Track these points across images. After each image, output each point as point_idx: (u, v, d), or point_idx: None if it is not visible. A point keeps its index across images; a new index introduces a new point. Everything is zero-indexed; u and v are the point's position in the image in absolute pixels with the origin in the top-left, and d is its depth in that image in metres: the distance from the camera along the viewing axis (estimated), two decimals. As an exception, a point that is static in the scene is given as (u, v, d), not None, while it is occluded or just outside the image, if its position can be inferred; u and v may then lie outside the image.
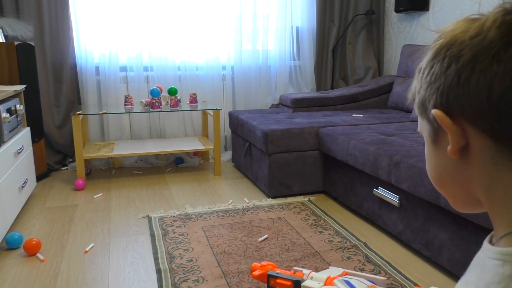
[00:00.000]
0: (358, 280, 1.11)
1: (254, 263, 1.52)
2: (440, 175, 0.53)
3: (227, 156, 3.58)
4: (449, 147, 0.48)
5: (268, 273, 1.29)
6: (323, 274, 1.23)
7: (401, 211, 1.99)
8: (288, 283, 1.19)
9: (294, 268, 1.28)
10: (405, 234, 1.97)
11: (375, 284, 1.12)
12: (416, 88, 0.53)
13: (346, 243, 2.03)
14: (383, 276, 1.16)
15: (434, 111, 0.48)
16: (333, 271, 1.26)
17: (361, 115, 2.97)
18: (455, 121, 0.47)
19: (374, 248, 1.99)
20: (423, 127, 0.54)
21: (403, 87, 3.12)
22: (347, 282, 1.14)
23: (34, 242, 1.90)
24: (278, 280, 1.22)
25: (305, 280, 1.22)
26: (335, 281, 1.15)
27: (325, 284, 1.18)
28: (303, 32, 3.68)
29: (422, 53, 0.56)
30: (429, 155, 0.54)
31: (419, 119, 0.54)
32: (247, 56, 3.55)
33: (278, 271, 1.32)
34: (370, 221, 2.32)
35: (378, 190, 2.15)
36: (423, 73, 0.52)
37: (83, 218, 2.34)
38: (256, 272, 1.40)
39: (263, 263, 1.37)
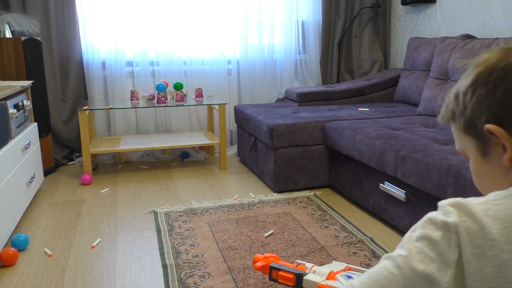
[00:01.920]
0: (359, 275, 1.12)
1: (257, 254, 1.52)
2: (490, 184, 0.61)
3: (232, 150, 3.58)
4: (505, 156, 0.57)
5: (270, 265, 1.29)
6: (325, 269, 1.22)
7: (408, 206, 1.99)
8: (290, 276, 1.20)
9: (297, 261, 1.28)
10: (411, 229, 1.97)
11: None
12: (459, 110, 0.62)
13: (352, 238, 2.02)
14: None
15: (489, 126, 0.57)
16: (336, 265, 1.26)
17: (367, 109, 2.95)
18: (509, 133, 0.56)
19: (381, 243, 1.98)
20: (467, 145, 0.63)
21: (410, 81, 3.09)
22: (350, 278, 1.14)
23: (11, 252, 1.81)
24: (280, 273, 1.23)
25: (307, 274, 1.22)
26: (338, 275, 1.15)
27: (327, 279, 1.18)
28: (308, 26, 3.65)
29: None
30: (479, 167, 0.63)
31: (462, 137, 0.63)
32: (252, 50, 3.53)
33: (281, 263, 1.32)
34: (376, 215, 2.31)
35: (384, 184, 2.14)
36: (465, 97, 0.61)
37: (90, 213, 2.36)
38: (259, 264, 1.40)
39: (266, 254, 1.37)
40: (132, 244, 1.99)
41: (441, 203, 0.56)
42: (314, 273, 1.21)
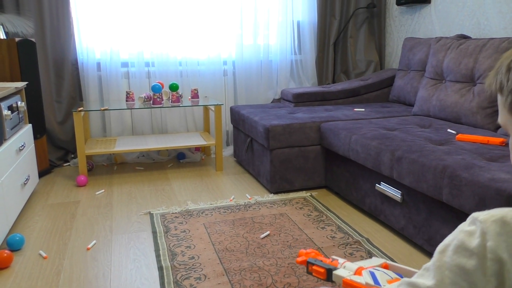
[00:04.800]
0: (384, 272, 1.13)
1: (301, 249, 1.62)
2: None
3: (228, 151, 3.57)
4: None
5: (307, 260, 1.38)
6: (355, 265, 1.25)
7: (403, 207, 1.99)
8: (322, 270, 1.28)
9: (332, 257, 1.33)
10: (408, 229, 1.97)
11: (401, 276, 1.13)
12: (508, 87, 0.55)
13: (348, 239, 2.03)
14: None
15: None
16: (373, 261, 1.27)
17: (363, 109, 2.96)
18: None
19: (377, 244, 1.99)
20: (510, 122, 0.57)
21: (405, 81, 3.10)
22: (372, 274, 1.16)
23: (5, 255, 1.79)
24: (314, 267, 1.32)
25: (338, 269, 1.25)
26: (363, 271, 1.17)
27: (354, 274, 1.21)
28: (304, 26, 3.65)
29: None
30: None
31: (506, 113, 0.58)
32: (248, 51, 3.53)
33: (319, 259, 1.42)
34: (372, 216, 2.31)
35: (380, 185, 2.14)
36: None
37: (85, 215, 2.35)
38: (300, 258, 1.50)
39: (308, 250, 1.45)
40: (128, 246, 1.98)
41: (477, 217, 0.50)
42: (344, 268, 1.26)
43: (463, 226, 0.51)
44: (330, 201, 2.54)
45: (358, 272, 1.21)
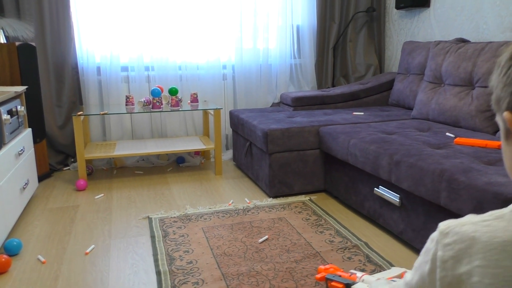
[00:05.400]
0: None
1: (320, 266, 1.63)
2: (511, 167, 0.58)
3: (228, 155, 3.58)
4: None
5: (326, 276, 1.39)
6: (374, 278, 1.25)
7: (402, 210, 1.99)
8: (341, 285, 1.28)
9: (351, 271, 1.34)
10: (406, 233, 1.97)
11: None
12: (494, 84, 0.57)
13: (347, 243, 2.02)
14: None
15: (506, 114, 0.53)
16: (391, 272, 1.26)
17: (362, 113, 2.96)
18: None
19: (375, 248, 1.98)
20: (498, 121, 0.58)
21: (404, 84, 3.10)
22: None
23: (3, 260, 1.79)
24: (333, 283, 1.33)
25: (356, 283, 1.25)
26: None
27: None
28: (303, 30, 3.66)
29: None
30: (504, 148, 0.59)
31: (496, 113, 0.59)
32: (247, 55, 3.54)
33: (337, 274, 1.43)
34: (371, 220, 2.31)
35: (378, 189, 2.14)
36: (501, 72, 0.55)
37: (84, 219, 2.35)
38: (319, 275, 1.52)
39: (327, 266, 1.46)
40: (126, 250, 1.98)
41: (439, 226, 0.58)
42: (363, 281, 1.25)
43: (433, 234, 0.58)
44: (329, 205, 2.53)
45: None
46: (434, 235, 0.58)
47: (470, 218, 0.55)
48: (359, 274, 1.28)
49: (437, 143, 2.09)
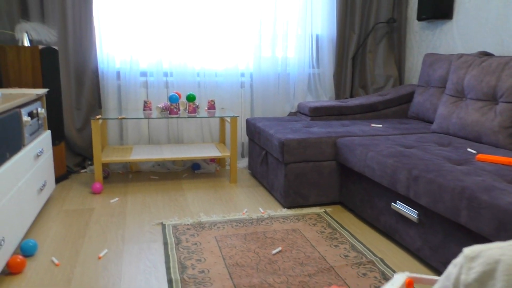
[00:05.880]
0: None
1: (325, 286, 1.56)
2: None
3: (243, 163, 3.56)
4: None
5: None
6: None
7: (419, 227, 1.94)
8: None
9: None
10: (423, 251, 1.92)
11: None
12: None
13: (362, 258, 1.98)
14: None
15: None
16: (394, 283, 1.18)
17: (380, 125, 2.92)
18: None
19: (391, 265, 1.94)
20: None
21: (424, 97, 3.05)
22: None
23: (18, 260, 1.81)
24: None
25: None
26: None
27: None
28: (323, 40, 3.64)
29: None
30: None
31: None
32: (266, 63, 3.53)
33: None
34: (387, 235, 2.26)
35: (396, 204, 2.09)
36: None
37: (99, 223, 2.36)
38: None
39: (332, 287, 1.40)
40: (139, 256, 1.98)
41: (464, 251, 0.58)
42: None
43: (456, 259, 0.59)
44: (344, 218, 2.49)
45: None
46: (457, 261, 0.58)
47: (497, 243, 0.56)
48: None
49: (457, 159, 2.04)
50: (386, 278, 1.80)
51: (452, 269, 0.58)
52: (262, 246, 2.09)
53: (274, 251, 2.02)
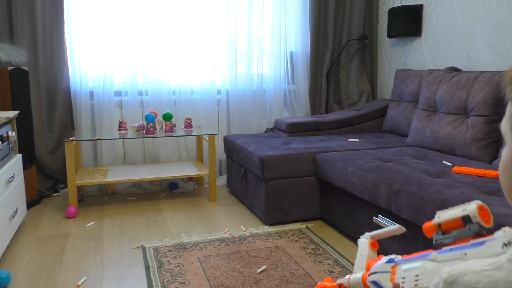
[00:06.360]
0: (388, 272, 1.03)
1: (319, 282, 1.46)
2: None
3: (222, 180, 3.54)
4: None
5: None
6: (359, 273, 1.11)
7: (402, 240, 1.96)
8: None
9: (337, 280, 1.22)
10: (406, 263, 1.93)
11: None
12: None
13: (347, 273, 1.98)
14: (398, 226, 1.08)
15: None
16: (361, 249, 1.13)
17: (357, 140, 2.96)
18: None
19: (375, 279, 1.94)
20: (508, 131, 0.58)
21: (398, 111, 3.13)
22: (375, 283, 1.06)
23: None
24: None
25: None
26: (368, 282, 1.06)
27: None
28: (297, 57, 3.70)
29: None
30: (508, 162, 0.59)
31: (507, 121, 0.58)
32: (242, 80, 3.55)
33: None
34: (369, 249, 2.27)
35: (377, 218, 2.12)
36: None
37: (75, 248, 2.27)
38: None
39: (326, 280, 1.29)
40: (120, 282, 1.91)
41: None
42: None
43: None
44: (326, 233, 2.50)
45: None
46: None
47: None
48: (345, 278, 1.17)
49: (435, 172, 2.09)
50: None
51: None
52: (247, 265, 2.06)
53: (259, 270, 2.00)
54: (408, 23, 3.25)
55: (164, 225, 2.61)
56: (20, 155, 2.54)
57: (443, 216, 0.86)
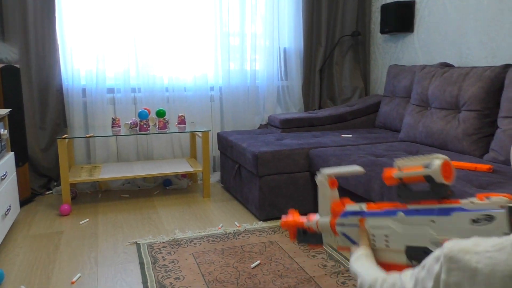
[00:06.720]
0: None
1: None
2: None
3: (215, 177, 3.54)
4: None
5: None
6: (326, 218, 1.04)
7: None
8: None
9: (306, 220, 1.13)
10: (399, 257, 1.96)
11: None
12: None
13: (340, 267, 2.00)
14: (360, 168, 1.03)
15: None
16: (322, 192, 1.07)
17: (350, 135, 2.98)
18: None
19: (368, 272, 1.96)
20: None
21: (390, 107, 3.15)
22: (344, 235, 1.00)
23: None
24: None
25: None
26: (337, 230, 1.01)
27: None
28: (290, 53, 3.70)
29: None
30: None
31: None
32: (235, 76, 3.55)
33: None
34: (362, 243, 2.29)
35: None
36: None
37: (70, 246, 2.27)
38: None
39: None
40: (114, 279, 1.91)
41: (445, 246, 0.58)
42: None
43: (438, 251, 0.59)
44: (320, 228, 2.51)
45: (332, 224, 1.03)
46: (438, 255, 0.59)
47: (473, 245, 0.55)
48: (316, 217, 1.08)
49: (427, 166, 2.11)
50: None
51: (433, 263, 0.59)
52: (241, 260, 2.07)
53: (253, 265, 2.01)
54: (400, 19, 3.27)
55: (158, 221, 2.62)
56: (13, 153, 2.52)
57: (406, 172, 0.83)
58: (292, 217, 1.14)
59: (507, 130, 2.17)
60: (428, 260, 0.61)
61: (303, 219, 1.10)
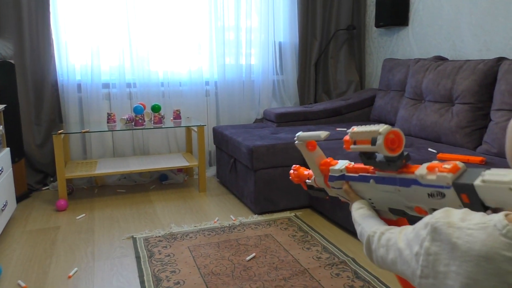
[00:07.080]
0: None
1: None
2: None
3: (211, 171, 3.55)
4: None
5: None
6: (319, 178, 1.05)
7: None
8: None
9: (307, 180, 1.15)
10: (392, 249, 1.98)
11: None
12: None
13: (334, 259, 2.02)
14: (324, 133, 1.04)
15: None
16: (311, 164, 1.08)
17: (345, 129, 2.99)
18: None
19: (363, 264, 1.99)
20: None
21: (385, 100, 3.16)
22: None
23: None
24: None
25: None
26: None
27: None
28: (285, 47, 3.71)
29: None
30: None
31: None
32: (230, 71, 3.55)
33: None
34: (357, 236, 2.31)
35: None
36: None
37: (66, 241, 2.28)
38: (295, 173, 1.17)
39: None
40: (111, 272, 1.93)
41: (433, 215, 0.59)
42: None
43: (428, 217, 0.60)
44: (314, 221, 2.53)
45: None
46: (427, 222, 0.59)
47: (459, 219, 0.56)
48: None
49: (420, 159, 2.13)
50: (359, 277, 1.85)
51: (423, 228, 0.60)
52: (236, 253, 2.09)
53: (248, 258, 2.03)
54: (395, 12, 3.27)
55: (154, 216, 2.63)
56: (8, 149, 2.53)
57: (359, 145, 0.85)
58: (297, 172, 1.17)
59: (500, 123, 2.19)
60: (419, 224, 0.62)
61: (308, 173, 1.12)
